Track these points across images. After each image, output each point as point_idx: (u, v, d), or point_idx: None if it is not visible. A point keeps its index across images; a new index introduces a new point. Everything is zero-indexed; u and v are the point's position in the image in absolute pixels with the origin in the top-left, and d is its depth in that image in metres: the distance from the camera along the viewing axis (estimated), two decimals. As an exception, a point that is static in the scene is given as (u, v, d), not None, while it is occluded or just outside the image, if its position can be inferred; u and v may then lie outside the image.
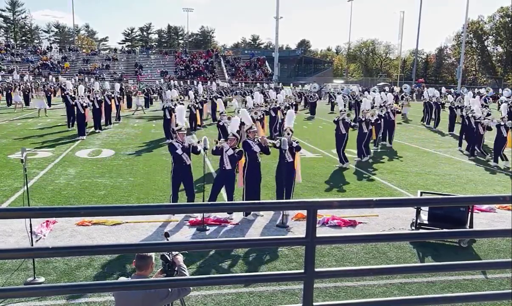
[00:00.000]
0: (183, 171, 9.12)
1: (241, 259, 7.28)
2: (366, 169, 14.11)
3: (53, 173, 12.50)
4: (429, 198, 7.52)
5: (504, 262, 2.56)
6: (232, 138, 9.19)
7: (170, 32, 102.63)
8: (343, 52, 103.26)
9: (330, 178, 12.85)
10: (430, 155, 17.17)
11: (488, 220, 9.49)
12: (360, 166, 14.63)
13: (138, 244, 2.29)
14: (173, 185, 9.24)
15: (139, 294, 3.71)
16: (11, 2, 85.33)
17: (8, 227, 8.16)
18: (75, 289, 3.41)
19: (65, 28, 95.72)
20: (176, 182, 9.22)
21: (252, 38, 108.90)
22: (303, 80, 60.94)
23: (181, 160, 9.05)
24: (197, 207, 4.71)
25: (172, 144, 9.14)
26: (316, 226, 2.23)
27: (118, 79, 55.16)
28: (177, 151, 8.97)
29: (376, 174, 13.59)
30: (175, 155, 9.04)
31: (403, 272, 5.25)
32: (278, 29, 62.07)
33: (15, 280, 6.38)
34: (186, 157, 9.08)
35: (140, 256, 3.80)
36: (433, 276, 6.75)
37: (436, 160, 16.19)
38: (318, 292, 6.21)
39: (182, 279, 3.40)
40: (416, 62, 74.53)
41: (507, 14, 72.92)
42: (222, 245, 3.44)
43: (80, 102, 18.67)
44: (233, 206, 7.13)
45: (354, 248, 7.78)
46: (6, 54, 58.87)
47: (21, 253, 2.56)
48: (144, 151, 16.10)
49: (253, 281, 5.30)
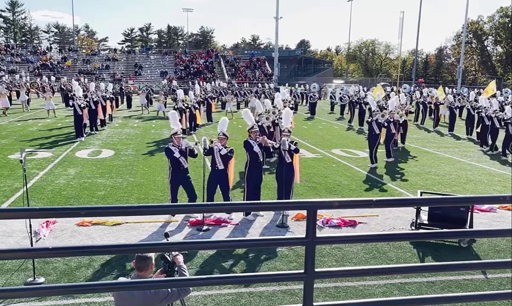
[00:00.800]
0: (181, 174, 9.02)
1: (241, 259, 7.28)
2: (366, 169, 14.10)
3: (53, 173, 12.50)
4: (429, 198, 7.51)
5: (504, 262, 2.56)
6: (222, 138, 9.19)
7: (170, 33, 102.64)
8: (343, 52, 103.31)
9: (330, 178, 12.85)
10: (430, 154, 17.17)
11: (488, 220, 9.49)
12: (360, 166, 14.63)
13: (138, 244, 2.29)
14: (171, 189, 9.11)
15: (139, 295, 3.70)
16: (11, 3, 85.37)
17: (8, 227, 8.16)
18: (75, 289, 3.41)
19: (64, 28, 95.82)
20: (174, 186, 9.08)
21: (252, 38, 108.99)
22: (303, 80, 60.91)
23: (178, 163, 8.97)
24: (197, 207, 4.71)
25: (169, 148, 8.99)
26: (316, 226, 2.23)
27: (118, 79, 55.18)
28: (174, 155, 8.85)
29: (376, 174, 13.59)
30: (172, 159, 8.91)
31: (403, 272, 5.25)
32: (278, 29, 62.06)
33: (15, 280, 6.38)
34: (184, 160, 8.98)
35: (140, 257, 3.79)
36: (433, 276, 6.76)
37: (436, 160, 16.20)
38: (318, 292, 6.21)
39: (182, 279, 3.40)
40: (416, 62, 74.50)
41: (506, 14, 72.94)
42: (222, 245, 3.44)
43: (78, 104, 18.62)
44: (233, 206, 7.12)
45: (354, 248, 7.78)
46: (6, 54, 58.86)
47: (21, 253, 2.56)
48: (144, 152, 16.10)
49: (253, 281, 5.29)
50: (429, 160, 16.12)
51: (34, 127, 21.43)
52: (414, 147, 18.58)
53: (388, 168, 14.53)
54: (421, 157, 16.64)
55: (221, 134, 9.24)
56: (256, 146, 9.31)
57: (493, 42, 78.93)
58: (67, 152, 15.57)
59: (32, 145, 16.58)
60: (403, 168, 14.56)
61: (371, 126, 14.52)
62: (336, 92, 39.80)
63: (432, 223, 8.19)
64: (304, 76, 74.63)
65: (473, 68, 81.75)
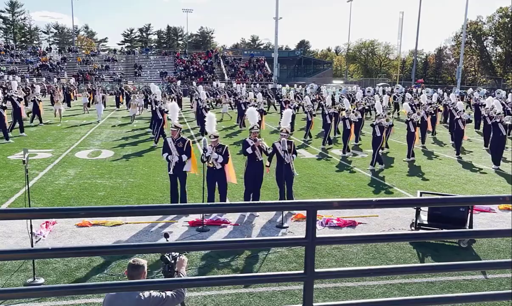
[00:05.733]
0: (176, 167, 9.29)
1: (241, 260, 7.27)
2: (366, 170, 14.10)
3: (53, 173, 12.49)
4: (429, 198, 7.52)
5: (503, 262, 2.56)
6: (214, 140, 9.22)
7: (170, 33, 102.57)
8: (343, 53, 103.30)
9: (330, 178, 12.85)
10: (430, 154, 17.17)
11: (488, 220, 9.49)
12: (360, 166, 14.63)
13: (138, 245, 2.29)
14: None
15: (132, 302, 3.63)
16: (11, 3, 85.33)
17: (7, 228, 8.16)
18: (74, 290, 3.40)
19: (64, 29, 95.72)
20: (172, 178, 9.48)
21: (252, 39, 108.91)
22: (303, 81, 60.90)
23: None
24: (197, 207, 4.70)
25: (166, 141, 9.42)
26: (316, 226, 2.23)
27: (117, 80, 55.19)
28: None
29: (376, 174, 13.59)
30: (168, 151, 9.29)
31: (403, 273, 5.25)
32: (278, 30, 62.12)
33: (15, 281, 6.37)
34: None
35: (132, 265, 3.74)
36: (433, 276, 6.75)
37: (436, 160, 16.20)
38: (318, 292, 6.21)
39: (182, 280, 3.39)
40: (416, 63, 74.55)
41: (506, 14, 72.93)
42: (221, 246, 3.44)
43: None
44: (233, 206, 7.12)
45: (354, 248, 7.78)
46: (5, 55, 58.84)
47: (21, 254, 2.55)
48: (143, 152, 16.10)
49: (253, 281, 5.29)
50: (428, 160, 16.12)
51: (33, 129, 21.40)
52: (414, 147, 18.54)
53: (388, 168, 14.52)
54: (421, 157, 16.63)
55: (212, 137, 9.24)
56: (249, 148, 9.38)
57: (492, 42, 78.92)
58: (66, 153, 15.56)
59: (32, 144, 16.55)
60: (402, 168, 14.56)
61: (374, 129, 14.68)
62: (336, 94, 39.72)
63: (432, 223, 8.19)
64: (303, 76, 74.53)
65: (472, 69, 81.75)
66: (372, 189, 11.94)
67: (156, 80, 55.36)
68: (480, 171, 14.48)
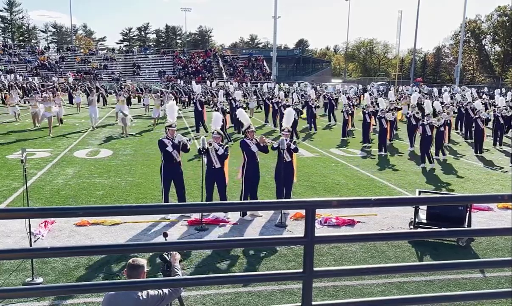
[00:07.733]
0: (173, 168, 9.15)
1: (240, 259, 7.27)
2: (365, 168, 14.12)
3: (51, 173, 12.48)
4: (428, 197, 7.52)
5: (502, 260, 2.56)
6: (217, 137, 9.19)
7: (168, 32, 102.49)
8: (341, 52, 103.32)
9: (329, 177, 12.86)
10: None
11: (487, 218, 9.51)
12: (359, 165, 14.64)
13: (136, 244, 2.29)
14: (163, 183, 9.24)
15: (131, 303, 3.63)
16: (9, 2, 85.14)
17: (6, 227, 8.14)
18: (73, 289, 3.41)
19: (62, 28, 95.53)
20: (166, 180, 9.23)
21: (250, 38, 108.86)
22: (302, 80, 60.91)
23: (171, 157, 9.06)
24: (195, 206, 4.71)
25: (162, 141, 9.16)
26: (314, 225, 2.23)
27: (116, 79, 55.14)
28: (167, 149, 9.00)
29: (375, 173, 13.61)
30: (165, 152, 9.08)
31: (402, 271, 5.26)
32: (276, 29, 62.14)
33: (13, 280, 6.37)
34: (176, 154, 9.11)
35: (132, 265, 3.74)
36: (431, 275, 6.76)
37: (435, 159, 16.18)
38: (317, 291, 6.21)
39: (180, 279, 3.39)
40: (414, 62, 74.57)
41: (505, 13, 73.01)
42: (220, 245, 3.44)
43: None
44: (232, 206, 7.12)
45: (352, 247, 7.79)
46: (4, 54, 58.73)
47: (19, 253, 2.55)
48: (142, 152, 16.08)
49: (252, 280, 5.30)
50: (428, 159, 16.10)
51: (33, 128, 21.34)
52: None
53: (387, 167, 14.54)
54: (420, 155, 16.62)
55: (216, 134, 9.23)
56: (254, 146, 9.32)
57: (491, 41, 79.03)
58: (65, 152, 15.54)
59: (31, 143, 16.53)
60: (401, 167, 14.57)
61: (424, 128, 14.99)
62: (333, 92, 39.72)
63: (431, 222, 8.20)
64: (302, 75, 74.53)
65: (471, 67, 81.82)
66: (371, 187, 11.95)
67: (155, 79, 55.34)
68: (478, 170, 14.51)
